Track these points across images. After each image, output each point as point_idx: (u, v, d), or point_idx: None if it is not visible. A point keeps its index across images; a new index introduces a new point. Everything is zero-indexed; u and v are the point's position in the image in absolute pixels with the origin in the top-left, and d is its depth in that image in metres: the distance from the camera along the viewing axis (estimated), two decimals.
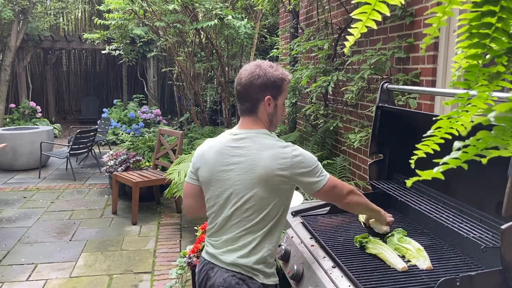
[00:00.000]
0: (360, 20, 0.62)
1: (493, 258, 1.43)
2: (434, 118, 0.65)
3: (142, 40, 9.95)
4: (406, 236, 1.76)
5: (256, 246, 1.57)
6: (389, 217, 1.84)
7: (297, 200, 2.12)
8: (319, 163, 1.61)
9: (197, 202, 1.74)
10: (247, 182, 1.55)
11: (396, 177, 2.22)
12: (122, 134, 9.49)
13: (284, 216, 1.66)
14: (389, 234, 1.79)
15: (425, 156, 0.65)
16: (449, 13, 0.57)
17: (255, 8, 6.47)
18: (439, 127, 0.62)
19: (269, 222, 1.58)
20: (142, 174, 5.14)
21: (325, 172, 1.61)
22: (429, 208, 1.81)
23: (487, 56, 0.58)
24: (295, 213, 2.12)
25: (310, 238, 1.90)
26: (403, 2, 2.66)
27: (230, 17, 5.42)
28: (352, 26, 0.66)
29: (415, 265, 1.58)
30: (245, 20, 5.56)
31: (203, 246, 3.17)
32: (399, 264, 1.56)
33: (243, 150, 1.57)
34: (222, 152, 1.61)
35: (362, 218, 2.00)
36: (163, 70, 9.19)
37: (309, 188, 1.59)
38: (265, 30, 7.61)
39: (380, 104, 2.15)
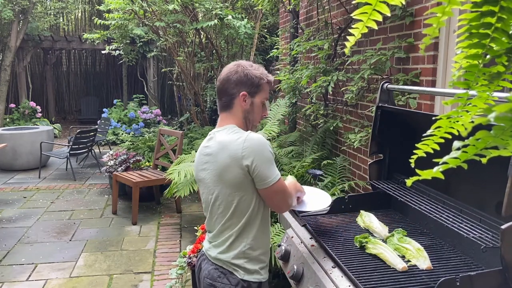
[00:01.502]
0: (361, 20, 0.62)
1: (493, 258, 1.43)
2: (433, 118, 0.65)
3: (142, 40, 9.95)
4: (406, 236, 1.76)
5: (234, 242, 1.64)
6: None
7: (325, 202, 1.95)
8: (273, 159, 1.61)
9: None
10: (214, 180, 1.64)
11: (396, 177, 2.22)
12: (122, 134, 9.49)
13: (261, 211, 1.66)
14: (389, 234, 1.79)
15: (425, 155, 0.65)
16: (448, 13, 0.57)
17: (255, 8, 6.47)
18: (439, 127, 0.62)
19: (242, 217, 1.62)
20: (142, 174, 5.14)
21: (277, 171, 1.61)
22: (429, 208, 1.81)
23: (487, 56, 0.59)
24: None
25: (310, 238, 1.90)
26: (403, 2, 2.67)
27: (230, 17, 5.42)
28: (352, 26, 0.66)
29: (415, 265, 1.59)
30: (245, 20, 5.56)
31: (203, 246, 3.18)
32: (399, 264, 1.56)
33: (210, 149, 1.66)
34: (200, 153, 1.72)
35: (362, 222, 1.99)
36: (163, 70, 9.19)
37: (260, 182, 1.57)
38: (265, 30, 7.61)
39: (380, 104, 2.15)
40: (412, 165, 0.66)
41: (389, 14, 0.61)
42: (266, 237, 1.72)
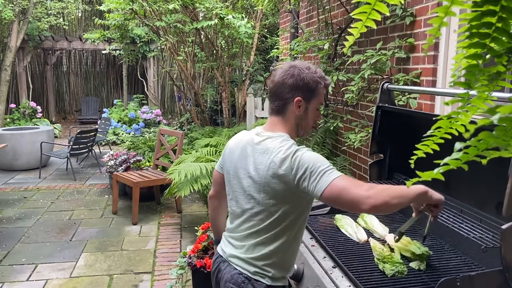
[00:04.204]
0: (360, 20, 0.62)
1: (494, 258, 1.43)
2: (434, 118, 0.65)
3: (142, 40, 9.95)
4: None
5: (261, 250, 1.54)
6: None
7: None
8: (326, 165, 1.39)
9: (221, 190, 1.76)
10: (253, 186, 1.54)
11: (397, 177, 2.22)
12: (123, 134, 9.50)
13: (295, 226, 1.54)
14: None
15: (425, 156, 0.65)
16: (451, 13, 0.57)
17: (255, 8, 6.47)
18: (439, 127, 0.62)
19: (274, 228, 1.52)
20: (142, 174, 5.14)
21: (332, 175, 1.37)
22: None
23: (487, 56, 0.58)
24: None
25: (310, 238, 1.90)
26: (403, 2, 2.66)
27: (230, 17, 5.42)
28: (352, 26, 0.66)
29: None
30: (245, 20, 5.56)
31: (203, 246, 3.18)
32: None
33: (257, 153, 1.54)
34: (244, 150, 1.60)
35: (363, 223, 1.99)
36: (163, 70, 9.18)
37: (312, 193, 1.41)
38: (265, 30, 7.61)
39: (380, 104, 2.15)
40: (412, 166, 0.66)
41: (388, 14, 0.61)
42: (295, 249, 1.62)
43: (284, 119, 1.56)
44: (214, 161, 4.32)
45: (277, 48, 5.04)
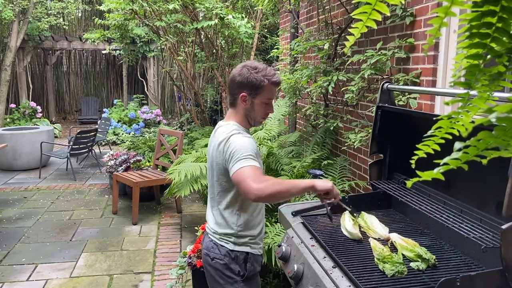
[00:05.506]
0: (361, 20, 0.62)
1: (494, 258, 1.43)
2: (434, 118, 0.65)
3: (142, 40, 9.96)
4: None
5: (222, 219, 1.87)
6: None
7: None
8: (246, 153, 1.67)
9: None
10: (209, 166, 1.90)
11: (397, 177, 2.22)
12: (123, 134, 9.50)
13: (238, 198, 1.82)
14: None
15: (425, 156, 0.65)
16: (451, 13, 0.57)
17: (255, 8, 6.47)
18: (440, 127, 0.62)
19: (225, 198, 1.84)
20: (142, 174, 5.14)
21: (243, 164, 1.65)
22: (430, 208, 1.80)
23: (488, 56, 0.58)
24: (295, 213, 2.12)
25: (310, 238, 1.89)
26: (403, 2, 2.66)
27: (230, 16, 5.42)
28: (352, 26, 0.66)
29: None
30: (245, 20, 5.56)
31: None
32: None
33: (214, 139, 1.88)
34: (211, 142, 1.93)
35: (363, 223, 1.98)
36: (163, 70, 9.18)
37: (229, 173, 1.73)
38: (265, 30, 7.61)
39: (380, 104, 2.15)
40: (413, 166, 0.66)
41: (389, 14, 0.61)
42: (254, 218, 1.89)
43: (235, 110, 1.87)
44: None
45: (277, 48, 5.04)
